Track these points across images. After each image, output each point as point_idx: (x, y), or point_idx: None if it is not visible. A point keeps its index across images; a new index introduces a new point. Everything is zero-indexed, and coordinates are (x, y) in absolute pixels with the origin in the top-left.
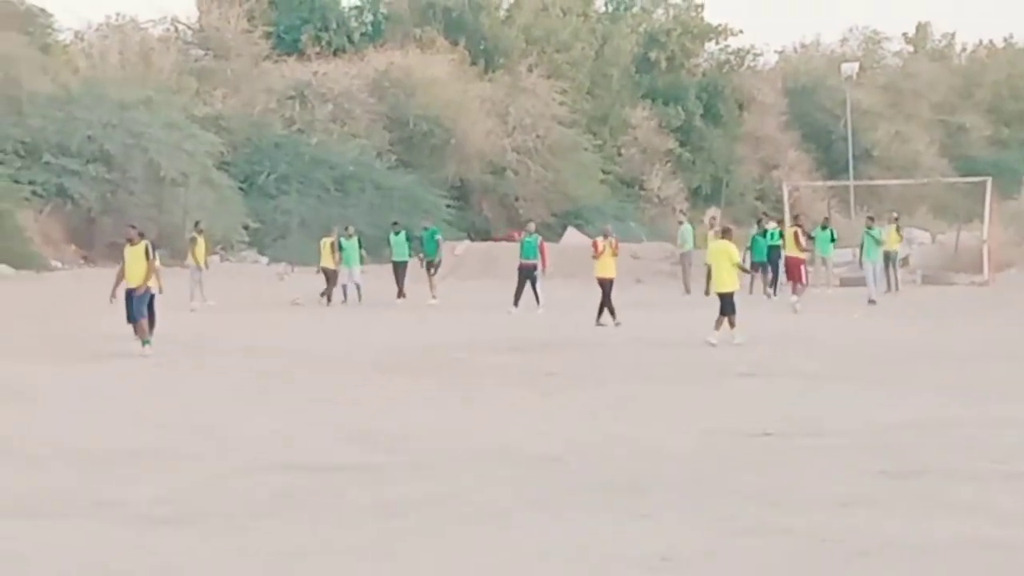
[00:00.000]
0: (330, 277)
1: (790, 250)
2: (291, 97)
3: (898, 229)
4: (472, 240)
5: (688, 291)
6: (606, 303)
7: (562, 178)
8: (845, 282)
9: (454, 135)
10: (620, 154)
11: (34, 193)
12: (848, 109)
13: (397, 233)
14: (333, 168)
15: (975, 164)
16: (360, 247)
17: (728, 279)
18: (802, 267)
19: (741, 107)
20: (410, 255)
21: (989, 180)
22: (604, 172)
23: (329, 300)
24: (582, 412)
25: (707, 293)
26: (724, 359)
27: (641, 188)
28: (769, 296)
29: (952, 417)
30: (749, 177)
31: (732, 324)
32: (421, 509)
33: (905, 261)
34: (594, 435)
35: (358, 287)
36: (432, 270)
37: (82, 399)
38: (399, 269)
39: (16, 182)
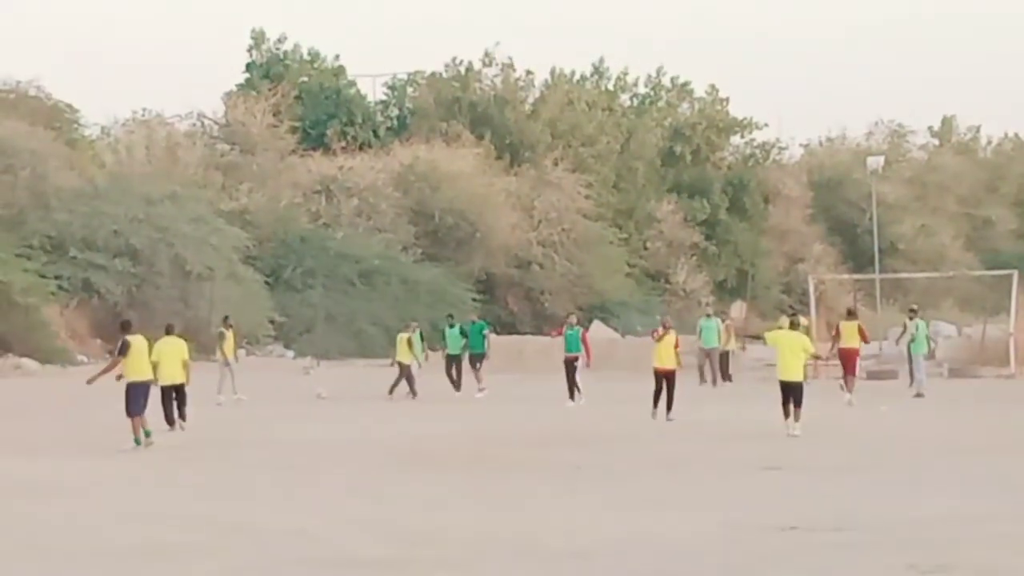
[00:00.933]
0: (403, 371)
1: (848, 342)
2: (317, 191)
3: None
4: (498, 333)
5: (714, 384)
6: (659, 394)
7: (588, 271)
8: (871, 375)
9: (479, 229)
10: (646, 247)
11: (60, 288)
12: (874, 202)
13: (452, 326)
14: (359, 262)
15: (1001, 257)
16: (422, 341)
17: (798, 368)
18: (857, 359)
19: (766, 200)
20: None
21: (1015, 273)
22: (630, 265)
23: (391, 392)
24: (608, 506)
25: (724, 379)
26: (750, 452)
27: (667, 281)
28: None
29: (982, 511)
30: (775, 270)
31: (797, 417)
32: None
33: (932, 354)
34: (620, 529)
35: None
36: (479, 364)
37: (106, 494)
38: (455, 363)
39: (42, 277)
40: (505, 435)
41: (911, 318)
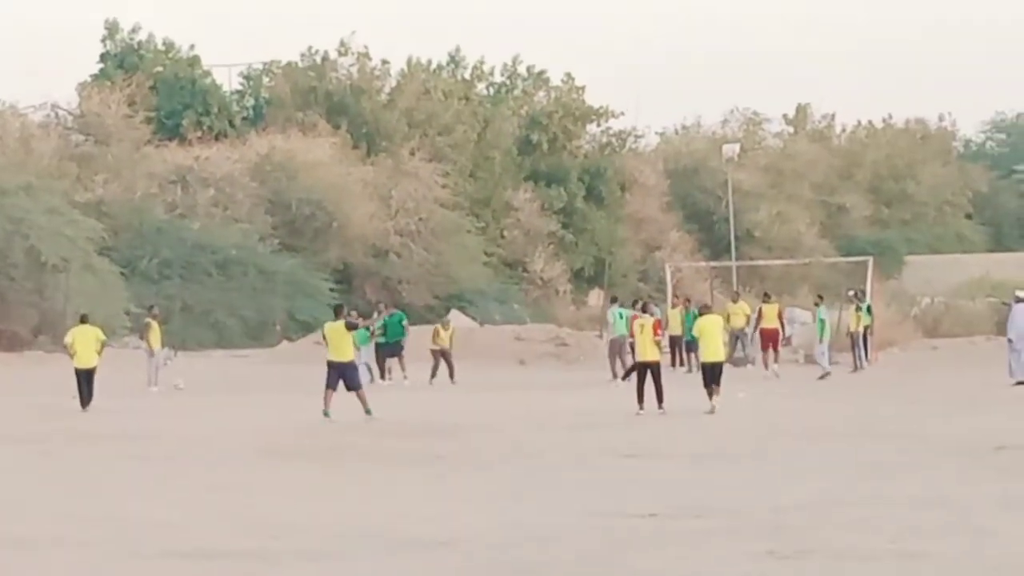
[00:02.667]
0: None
1: (768, 323)
2: (173, 182)
3: (857, 309)
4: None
5: (614, 376)
6: (643, 388)
7: (445, 260)
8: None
9: (336, 218)
10: (503, 236)
11: None
12: (729, 190)
13: (392, 315)
14: (216, 252)
15: (856, 244)
16: (367, 330)
17: (720, 349)
18: (778, 338)
19: (623, 188)
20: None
21: (870, 260)
22: (487, 254)
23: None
24: (471, 496)
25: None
26: (611, 440)
27: (524, 270)
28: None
29: (840, 496)
30: (632, 258)
31: (718, 393)
32: None
33: (788, 341)
34: (484, 519)
35: (369, 368)
36: (401, 353)
37: None
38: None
39: None
40: (365, 425)
41: (816, 304)
